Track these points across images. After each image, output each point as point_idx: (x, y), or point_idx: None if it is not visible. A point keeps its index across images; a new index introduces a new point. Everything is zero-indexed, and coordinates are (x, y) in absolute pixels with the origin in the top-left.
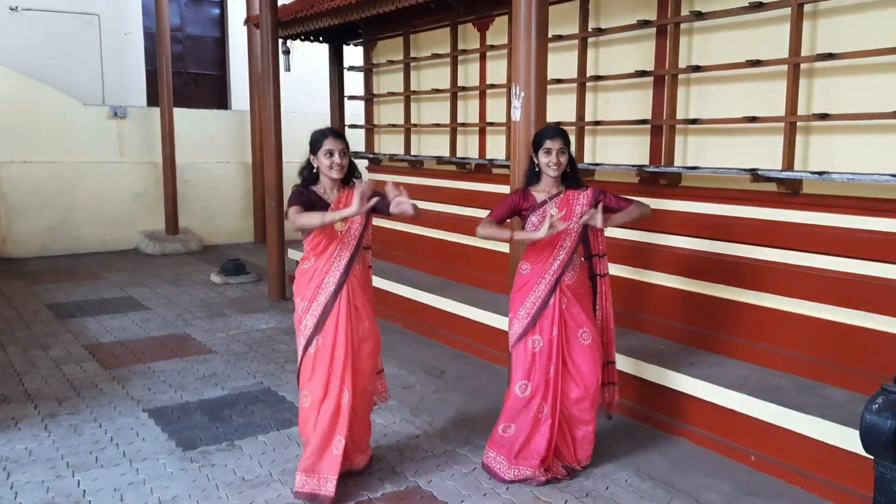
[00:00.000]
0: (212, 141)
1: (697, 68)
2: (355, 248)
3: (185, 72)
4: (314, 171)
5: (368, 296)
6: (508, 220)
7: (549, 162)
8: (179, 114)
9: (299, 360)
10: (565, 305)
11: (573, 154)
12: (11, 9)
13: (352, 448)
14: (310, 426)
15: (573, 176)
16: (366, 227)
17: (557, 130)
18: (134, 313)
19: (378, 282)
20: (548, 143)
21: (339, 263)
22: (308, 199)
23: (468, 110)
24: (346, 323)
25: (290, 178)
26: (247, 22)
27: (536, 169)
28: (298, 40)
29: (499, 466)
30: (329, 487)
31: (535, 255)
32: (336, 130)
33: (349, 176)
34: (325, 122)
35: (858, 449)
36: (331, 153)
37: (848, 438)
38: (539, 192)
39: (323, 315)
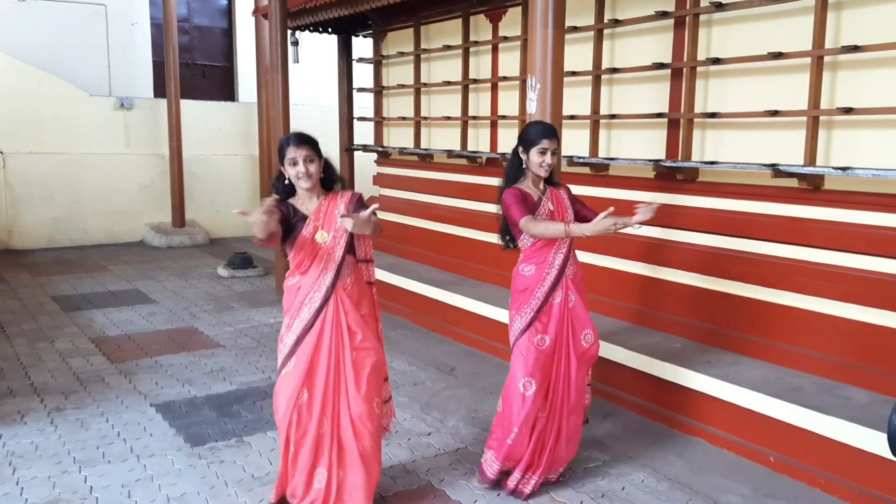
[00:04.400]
0: (219, 133)
1: (717, 61)
2: (341, 260)
3: (192, 63)
4: (286, 181)
5: (364, 312)
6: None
7: (542, 162)
8: (186, 105)
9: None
10: (572, 304)
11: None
12: None
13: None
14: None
15: (551, 174)
16: (355, 238)
17: (553, 129)
18: (140, 306)
19: (388, 277)
20: (545, 143)
21: (325, 278)
22: (285, 214)
23: (479, 103)
24: (331, 342)
25: None
26: (255, 12)
27: (524, 166)
28: (307, 31)
29: (487, 465)
30: None
31: (536, 254)
32: (301, 135)
33: (330, 182)
34: (333, 114)
35: (882, 451)
36: (294, 162)
37: (871, 440)
38: (529, 190)
39: (302, 333)
